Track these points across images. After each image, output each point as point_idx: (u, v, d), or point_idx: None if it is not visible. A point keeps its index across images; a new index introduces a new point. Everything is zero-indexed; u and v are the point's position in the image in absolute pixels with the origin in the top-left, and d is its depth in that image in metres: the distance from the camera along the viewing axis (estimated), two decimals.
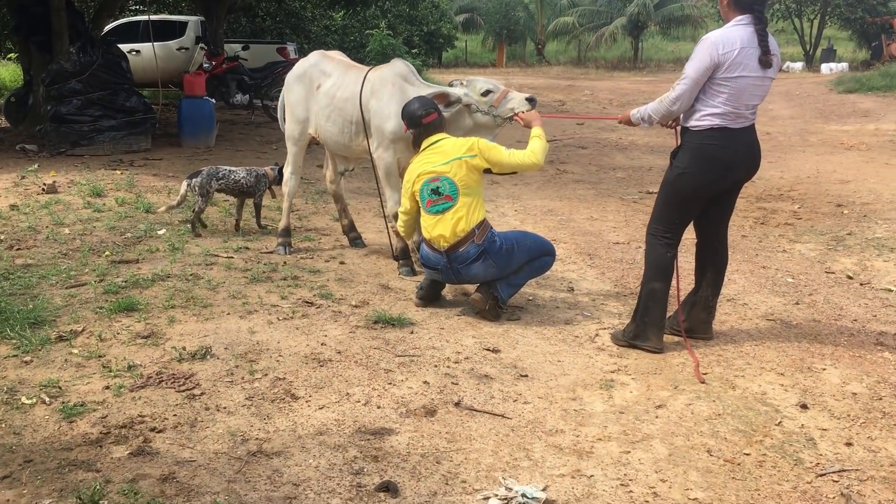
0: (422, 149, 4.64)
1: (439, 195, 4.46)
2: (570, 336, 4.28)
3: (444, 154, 4.51)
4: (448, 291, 4.83)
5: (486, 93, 4.83)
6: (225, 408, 3.29)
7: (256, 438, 3.05)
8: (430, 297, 4.67)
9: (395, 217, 5.25)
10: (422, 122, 4.63)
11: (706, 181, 3.95)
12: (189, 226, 6.02)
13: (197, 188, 5.98)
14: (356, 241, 5.94)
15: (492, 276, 4.48)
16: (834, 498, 2.77)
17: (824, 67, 25.95)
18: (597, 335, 4.29)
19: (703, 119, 3.86)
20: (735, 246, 6.05)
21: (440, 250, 4.48)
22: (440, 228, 4.45)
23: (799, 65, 27.61)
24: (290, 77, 5.68)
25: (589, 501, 2.73)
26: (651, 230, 4.13)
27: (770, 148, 10.65)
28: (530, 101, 4.77)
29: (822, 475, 2.91)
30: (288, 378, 3.59)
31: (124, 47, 11.41)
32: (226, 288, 4.77)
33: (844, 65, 26.01)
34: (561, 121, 14.30)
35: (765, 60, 3.79)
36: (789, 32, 31.16)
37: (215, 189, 6.03)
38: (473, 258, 4.43)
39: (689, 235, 4.24)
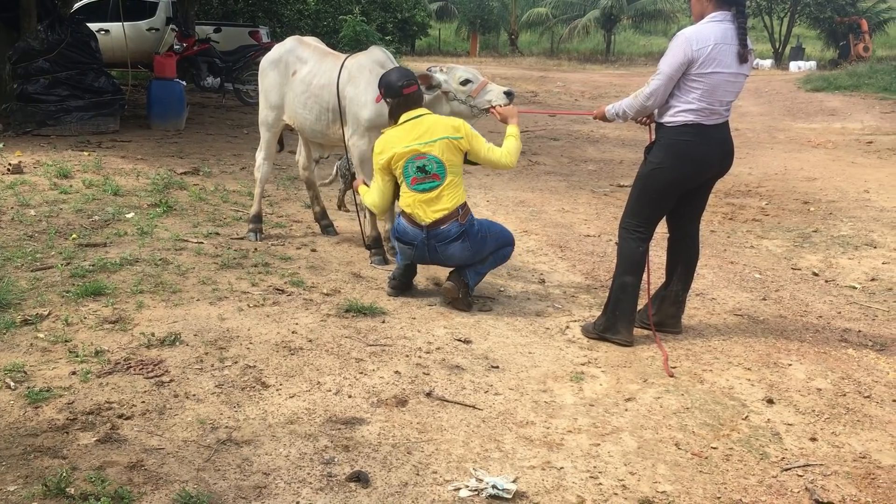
0: (399, 122, 4.51)
1: (426, 173, 4.38)
2: (541, 328, 4.30)
3: (428, 131, 4.41)
4: (419, 281, 4.83)
5: (465, 82, 4.82)
6: (194, 395, 3.26)
7: (226, 426, 3.03)
8: (403, 286, 4.66)
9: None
10: (402, 92, 4.49)
11: (679, 177, 3.98)
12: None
13: (340, 170, 6.31)
14: (328, 228, 5.91)
15: (465, 259, 4.47)
16: (798, 492, 2.82)
17: (793, 65, 26.26)
18: (567, 327, 4.32)
19: (677, 115, 3.89)
20: (704, 241, 6.10)
21: (421, 225, 4.42)
22: (424, 204, 4.39)
23: (768, 62, 27.92)
24: (265, 62, 5.62)
25: (559, 493, 2.75)
26: (624, 224, 4.16)
27: (739, 144, 10.72)
28: (508, 94, 4.77)
29: (787, 469, 2.96)
30: (258, 366, 3.56)
31: (93, 26, 11.20)
32: (196, 273, 4.72)
33: (813, 63, 26.34)
34: (533, 112, 14.33)
35: (743, 55, 3.82)
36: (759, 30, 31.48)
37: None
38: (454, 237, 4.40)
39: (661, 230, 4.27)
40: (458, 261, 4.49)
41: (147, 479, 2.67)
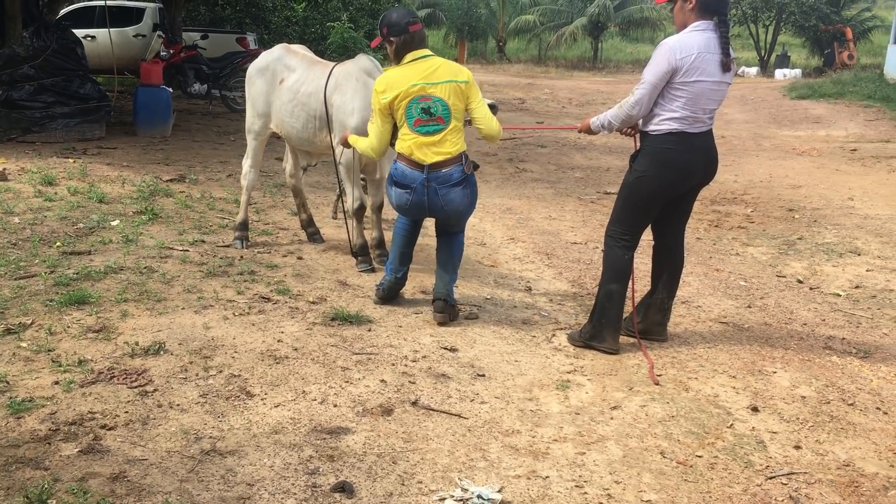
0: (404, 62, 4.31)
1: (430, 115, 4.20)
2: (528, 336, 4.30)
3: (436, 73, 4.23)
4: (407, 289, 4.82)
5: None
6: (178, 405, 3.24)
7: (210, 437, 3.01)
8: (390, 295, 4.63)
9: (356, 212, 5.23)
10: (408, 29, 4.29)
11: (664, 185, 4.00)
12: None
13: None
14: (314, 236, 5.90)
15: (464, 209, 4.35)
16: (782, 500, 2.83)
17: (778, 73, 26.43)
18: (553, 335, 4.32)
19: (661, 123, 3.91)
20: (690, 248, 6.13)
21: (422, 165, 4.21)
22: (426, 147, 4.21)
23: (754, 70, 28.08)
24: (253, 70, 5.61)
25: (544, 503, 2.75)
26: (609, 232, 4.17)
27: (725, 152, 10.82)
28: (492, 107, 4.76)
29: (771, 478, 2.97)
30: (243, 375, 3.55)
31: (79, 33, 11.15)
32: (181, 282, 4.69)
33: (798, 71, 26.52)
34: (521, 117, 14.36)
35: (725, 64, 3.85)
36: (745, 38, 31.68)
37: None
38: (456, 181, 4.24)
39: (647, 238, 4.28)
40: (457, 209, 4.31)
41: (129, 490, 2.65)
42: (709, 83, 3.83)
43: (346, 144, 4.71)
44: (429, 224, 4.89)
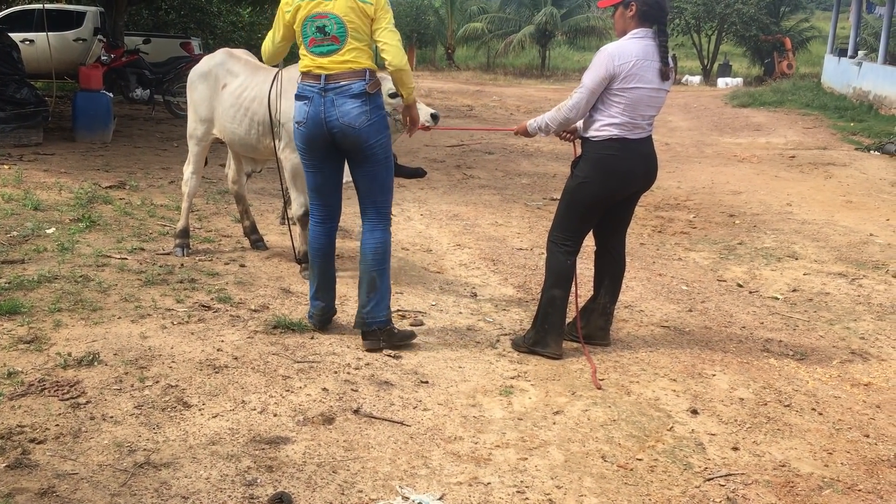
0: None
1: (325, 35, 3.93)
2: (472, 342, 4.29)
3: None
4: (351, 297, 4.77)
5: (394, 95, 4.80)
6: (112, 417, 3.15)
7: (144, 449, 2.94)
8: (323, 324, 4.30)
9: (301, 218, 5.18)
10: None
11: (605, 190, 4.03)
12: None
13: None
14: (258, 243, 5.82)
15: (361, 130, 3.94)
16: (720, 501, 2.86)
17: (720, 82, 26.99)
18: (498, 341, 4.32)
19: (601, 129, 3.95)
20: (633, 254, 6.21)
21: (318, 76, 3.95)
22: (322, 64, 3.96)
23: (697, 78, 28.63)
24: (194, 75, 5.52)
25: None
26: (552, 238, 4.19)
27: (668, 158, 11.00)
28: (434, 117, 4.76)
29: (709, 479, 3.00)
30: (181, 385, 3.47)
31: (17, 36, 10.86)
32: (118, 290, 4.58)
33: (739, 80, 27.11)
34: (470, 125, 14.40)
35: (664, 72, 3.91)
36: (688, 47, 32.30)
37: None
38: (355, 94, 3.92)
39: (589, 243, 4.32)
40: (353, 125, 3.93)
41: None
42: (647, 90, 3.88)
43: None
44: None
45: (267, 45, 4.26)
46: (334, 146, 4.06)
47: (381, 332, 4.06)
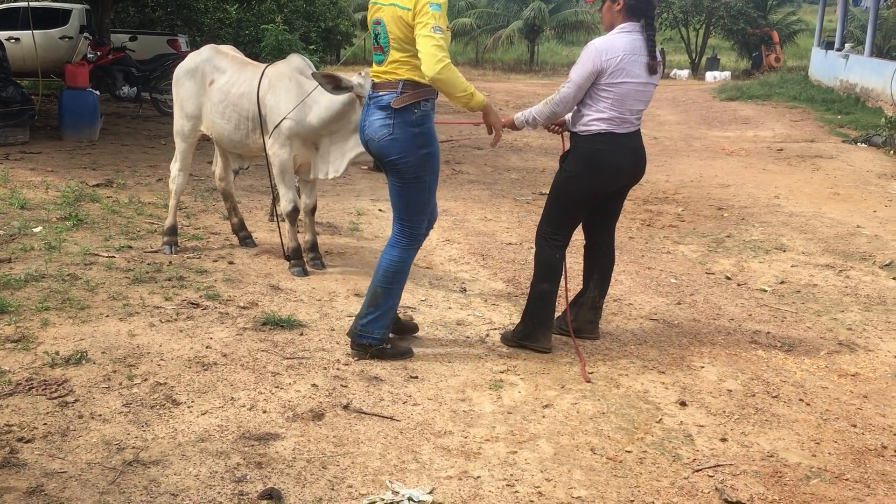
0: None
1: (377, 43, 3.77)
2: (462, 336, 4.29)
3: None
4: (341, 293, 4.76)
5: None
6: (100, 415, 3.14)
7: (133, 447, 2.93)
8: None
9: (289, 215, 5.17)
10: None
11: (594, 185, 4.04)
12: None
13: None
14: (246, 240, 5.80)
15: (380, 142, 3.74)
16: (708, 492, 2.88)
17: (708, 76, 27.04)
18: (487, 335, 4.33)
19: (590, 124, 3.96)
20: (622, 247, 6.23)
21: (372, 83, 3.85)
22: (374, 72, 3.84)
23: (685, 72, 28.69)
24: (180, 71, 5.50)
25: (475, 503, 2.74)
26: (541, 232, 4.20)
27: (657, 152, 11.03)
28: None
29: (698, 470, 3.02)
30: (169, 383, 3.46)
31: (2, 34, 10.80)
32: (105, 289, 4.56)
33: (727, 73, 27.17)
34: (457, 118, 14.38)
35: (652, 66, 3.92)
36: (676, 41, 32.36)
37: None
38: (382, 106, 3.74)
39: (578, 237, 4.32)
40: (374, 139, 3.76)
41: None
42: (634, 84, 3.89)
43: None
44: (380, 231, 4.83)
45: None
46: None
47: (371, 348, 3.89)
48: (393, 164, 3.77)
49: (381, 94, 3.75)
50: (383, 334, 3.90)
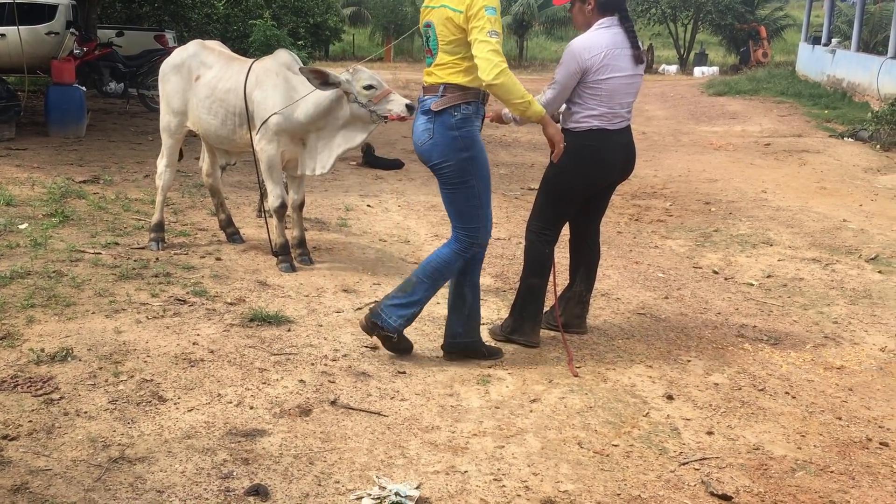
0: None
1: (427, 46, 3.72)
2: None
3: None
4: (328, 289, 4.75)
5: (369, 87, 4.78)
6: (86, 412, 3.13)
7: (119, 444, 2.92)
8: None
9: (277, 211, 5.15)
10: None
11: (584, 181, 4.05)
12: None
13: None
14: (234, 236, 5.78)
15: (421, 146, 3.70)
16: (695, 485, 2.89)
17: (697, 71, 27.12)
18: None
19: (582, 121, 3.95)
20: (611, 242, 6.24)
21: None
22: (425, 75, 3.78)
23: (674, 67, 28.76)
24: (167, 67, 5.48)
25: (462, 497, 2.74)
26: (530, 227, 4.20)
27: (645, 147, 11.05)
28: (409, 108, 4.74)
29: (684, 464, 3.03)
30: (155, 380, 3.45)
31: None
32: (91, 286, 4.54)
33: (715, 69, 27.26)
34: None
35: (637, 56, 3.93)
36: (665, 36, 32.45)
37: None
38: (424, 110, 3.68)
39: (564, 231, 4.32)
40: (417, 143, 3.73)
41: (32, 502, 2.55)
42: (622, 78, 3.90)
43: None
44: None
45: None
46: None
47: (381, 330, 3.81)
48: (436, 169, 3.73)
49: (425, 97, 3.70)
50: (399, 324, 3.81)
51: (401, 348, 3.94)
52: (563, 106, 4.06)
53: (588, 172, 4.03)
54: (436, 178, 3.82)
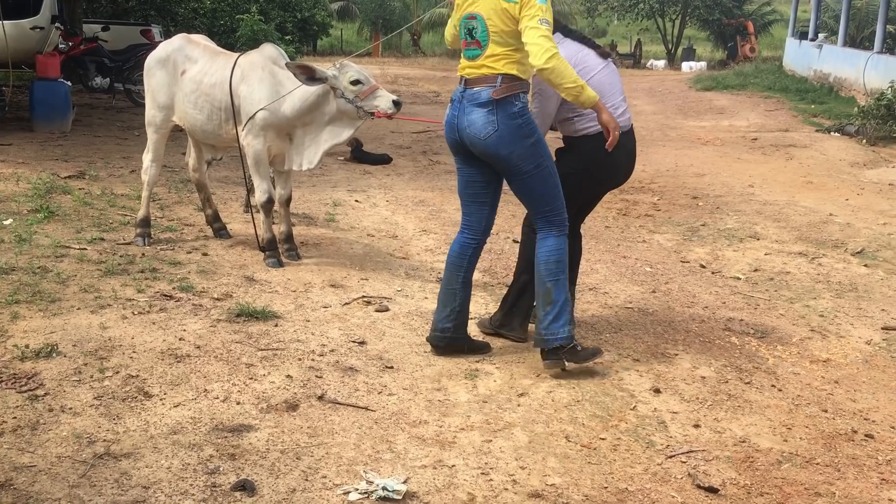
0: None
1: (472, 38, 3.66)
2: None
3: None
4: (316, 284, 4.74)
5: (356, 83, 4.77)
6: (70, 408, 3.11)
7: (104, 440, 2.90)
8: (435, 346, 3.96)
9: (263, 206, 5.13)
10: None
11: (592, 184, 4.06)
12: None
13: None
14: (221, 231, 5.76)
15: (485, 140, 3.62)
16: (681, 478, 2.90)
17: (685, 66, 27.19)
18: None
19: (589, 124, 3.90)
20: (599, 237, 6.26)
21: (462, 81, 3.75)
22: (467, 67, 3.73)
23: (661, 63, 28.83)
24: (152, 61, 5.44)
25: (449, 492, 2.74)
26: (528, 223, 4.18)
27: None
28: (396, 104, 4.72)
29: (671, 457, 3.04)
30: (141, 375, 3.43)
31: None
32: (77, 281, 4.51)
33: (703, 64, 27.32)
34: (437, 111, 14.37)
35: (602, 53, 3.97)
36: (653, 32, 32.52)
37: None
38: (481, 103, 3.62)
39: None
40: (479, 136, 3.62)
41: (16, 498, 2.52)
42: (598, 74, 3.90)
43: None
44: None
45: (448, 30, 4.01)
46: (472, 154, 3.77)
47: (564, 351, 3.69)
48: (507, 160, 3.66)
49: (476, 89, 3.64)
50: (569, 331, 3.70)
51: (591, 353, 3.78)
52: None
53: (596, 175, 4.02)
54: (505, 172, 3.74)
